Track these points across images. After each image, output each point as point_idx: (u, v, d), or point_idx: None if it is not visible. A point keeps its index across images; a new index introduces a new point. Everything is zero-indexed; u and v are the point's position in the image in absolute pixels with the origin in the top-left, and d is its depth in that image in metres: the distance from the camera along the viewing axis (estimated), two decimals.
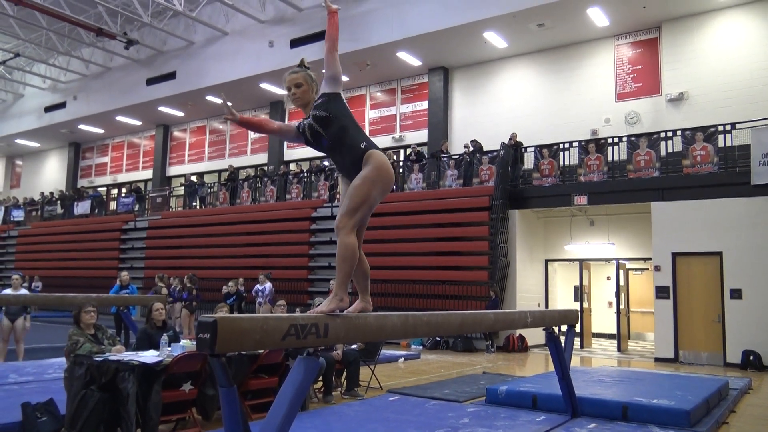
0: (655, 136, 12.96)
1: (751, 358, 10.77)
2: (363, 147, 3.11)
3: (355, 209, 3.01)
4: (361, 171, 3.07)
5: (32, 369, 7.98)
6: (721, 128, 12.12)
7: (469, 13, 15.02)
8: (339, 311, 2.96)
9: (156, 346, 5.50)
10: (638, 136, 13.22)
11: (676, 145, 12.72)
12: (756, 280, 11.00)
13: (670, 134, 12.82)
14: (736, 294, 11.15)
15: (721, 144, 12.05)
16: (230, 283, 13.38)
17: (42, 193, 26.67)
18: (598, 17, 14.48)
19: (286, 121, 21.24)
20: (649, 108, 14.87)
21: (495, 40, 15.83)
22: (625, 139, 13.32)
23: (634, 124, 14.83)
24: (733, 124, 12.01)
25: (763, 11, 13.57)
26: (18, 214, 25.97)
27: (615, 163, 13.35)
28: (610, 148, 13.42)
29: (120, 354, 5.17)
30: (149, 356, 5.03)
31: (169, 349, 5.31)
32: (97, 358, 4.88)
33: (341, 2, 17.19)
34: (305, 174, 18.39)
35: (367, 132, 19.91)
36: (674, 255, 11.90)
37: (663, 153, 12.72)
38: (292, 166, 20.24)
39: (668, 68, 14.57)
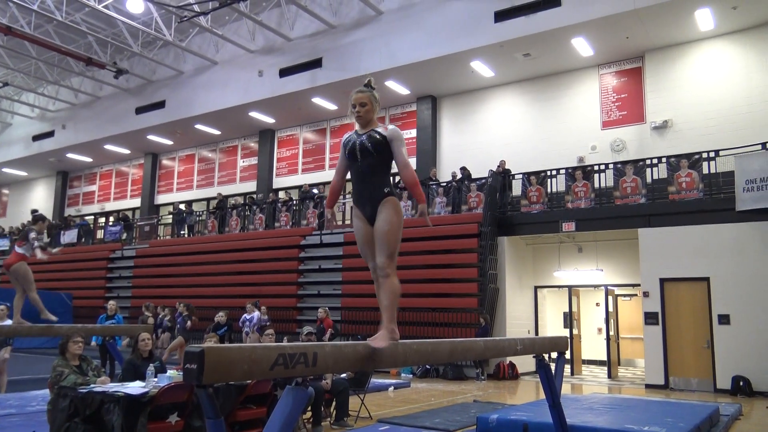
0: (640, 163, 13.12)
1: (741, 383, 10.77)
2: (386, 192, 3.51)
3: (393, 253, 3.44)
4: (384, 214, 3.45)
5: (15, 401, 7.83)
6: (705, 155, 12.30)
7: (456, 43, 15.25)
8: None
9: (142, 377, 5.42)
10: (624, 163, 13.39)
11: (661, 171, 12.88)
12: (743, 306, 11.06)
13: (655, 161, 12.98)
14: (724, 319, 11.19)
15: (705, 171, 12.21)
16: (220, 313, 13.25)
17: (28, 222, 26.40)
18: (583, 47, 14.75)
19: (275, 148, 21.32)
20: (634, 135, 15.08)
21: (482, 69, 16.05)
22: (611, 166, 13.47)
23: (620, 151, 15.00)
24: (717, 151, 12.19)
25: (744, 41, 13.88)
26: (3, 244, 25.68)
27: (602, 190, 13.47)
28: (596, 175, 13.55)
29: (105, 385, 5.09)
30: (135, 387, 4.96)
31: (155, 379, 5.23)
32: (81, 390, 4.81)
33: (330, 33, 17.43)
34: (294, 202, 18.37)
35: None
36: (662, 281, 11.96)
37: (649, 180, 12.87)
38: (281, 194, 20.23)
39: (652, 96, 14.81)
